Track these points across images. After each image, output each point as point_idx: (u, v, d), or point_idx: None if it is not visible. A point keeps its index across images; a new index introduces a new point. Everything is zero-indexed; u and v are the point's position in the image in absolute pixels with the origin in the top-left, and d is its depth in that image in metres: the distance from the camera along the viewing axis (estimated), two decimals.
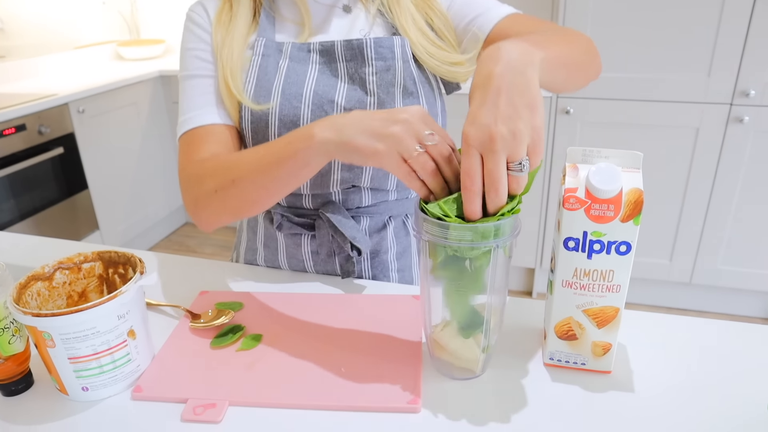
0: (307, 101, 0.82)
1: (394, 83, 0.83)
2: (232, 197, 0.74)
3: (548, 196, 2.34)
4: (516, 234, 0.58)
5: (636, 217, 0.57)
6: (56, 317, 0.59)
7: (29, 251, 1.02)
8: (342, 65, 0.84)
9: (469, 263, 0.58)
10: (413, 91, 0.84)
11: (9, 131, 2.19)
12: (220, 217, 0.78)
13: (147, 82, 2.90)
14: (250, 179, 0.71)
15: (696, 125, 2.08)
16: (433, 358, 0.67)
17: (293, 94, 0.82)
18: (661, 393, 0.64)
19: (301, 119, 0.82)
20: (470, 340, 0.63)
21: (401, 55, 0.83)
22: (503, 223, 0.56)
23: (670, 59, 2.04)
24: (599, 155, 0.60)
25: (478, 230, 0.55)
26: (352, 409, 0.62)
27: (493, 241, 0.56)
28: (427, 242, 0.58)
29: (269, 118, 0.82)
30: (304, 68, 0.84)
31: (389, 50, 0.83)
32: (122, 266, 0.72)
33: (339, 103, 0.82)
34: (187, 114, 0.84)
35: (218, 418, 0.61)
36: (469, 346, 0.63)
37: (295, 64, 0.84)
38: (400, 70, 0.83)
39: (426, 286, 0.63)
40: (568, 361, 0.67)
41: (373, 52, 0.82)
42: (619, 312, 0.62)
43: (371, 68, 0.82)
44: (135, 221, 2.93)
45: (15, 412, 0.64)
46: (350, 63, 0.84)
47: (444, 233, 0.56)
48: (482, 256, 0.57)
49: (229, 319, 0.76)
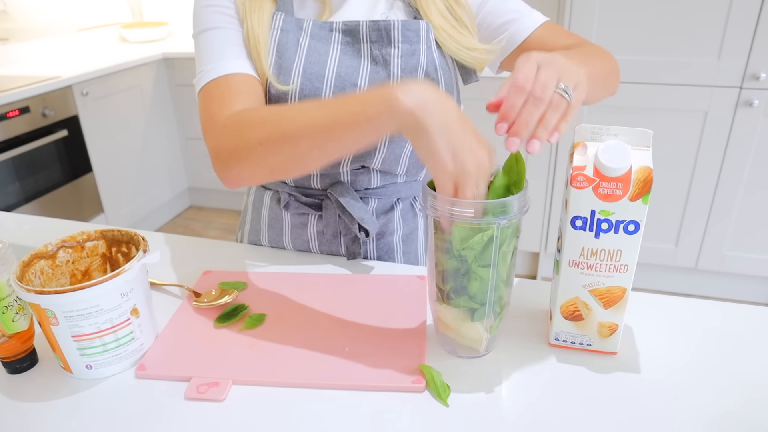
0: (329, 83, 0.80)
1: (417, 68, 0.81)
2: (279, 153, 0.67)
3: (554, 180, 2.33)
4: (524, 212, 0.57)
5: (645, 196, 0.57)
6: (59, 295, 0.58)
7: (33, 232, 1.02)
8: (366, 46, 0.82)
9: (478, 241, 0.57)
10: (434, 78, 0.82)
11: (13, 114, 2.19)
12: (255, 174, 0.71)
13: (151, 64, 2.88)
14: (308, 136, 0.65)
15: (705, 109, 2.06)
16: (439, 334, 0.67)
17: (315, 74, 0.80)
18: (668, 375, 0.63)
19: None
20: (475, 319, 0.63)
21: (426, 39, 0.82)
22: (510, 200, 0.55)
23: (679, 42, 2.01)
24: (608, 133, 0.59)
25: (486, 206, 0.55)
26: (356, 388, 0.62)
27: (500, 217, 0.55)
28: (435, 219, 0.58)
29: (289, 98, 0.80)
30: (325, 48, 0.82)
31: (415, 34, 0.81)
32: (125, 245, 0.71)
33: (361, 86, 0.81)
34: (211, 63, 0.77)
35: (221, 396, 0.61)
36: (474, 326, 0.63)
37: (317, 42, 0.82)
38: (423, 55, 0.81)
39: (432, 263, 0.62)
40: (574, 341, 0.66)
41: (400, 34, 0.81)
42: (626, 292, 0.62)
43: (397, 50, 0.81)
44: (139, 204, 2.93)
45: (20, 390, 0.64)
46: (375, 44, 0.82)
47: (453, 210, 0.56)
48: (489, 234, 0.57)
49: (233, 299, 0.76)
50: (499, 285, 0.61)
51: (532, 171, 2.34)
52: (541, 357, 0.66)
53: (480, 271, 0.59)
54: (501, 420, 0.58)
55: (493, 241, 0.57)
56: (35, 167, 2.32)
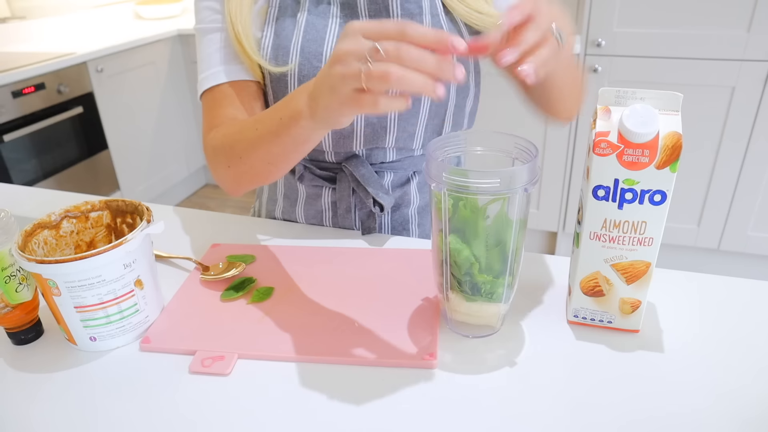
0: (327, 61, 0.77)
1: None
2: (244, 173, 0.73)
3: (573, 156, 2.28)
4: (534, 182, 0.54)
5: (673, 164, 0.53)
6: (60, 264, 0.57)
7: (43, 204, 1.01)
8: (365, 20, 0.78)
9: (481, 213, 0.55)
10: None
11: (29, 90, 2.19)
12: (241, 187, 0.77)
13: (165, 41, 2.86)
14: (255, 156, 0.69)
15: (732, 84, 1.99)
16: (449, 320, 0.64)
17: (313, 52, 0.77)
18: (692, 353, 0.60)
19: None
20: (480, 300, 0.60)
21: (430, 8, 0.78)
22: (516, 170, 0.52)
23: (706, 14, 1.93)
24: (634, 96, 0.56)
25: (501, 176, 0.52)
26: (366, 363, 0.60)
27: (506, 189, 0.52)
28: (437, 192, 0.55)
29: (288, 78, 0.78)
30: (323, 23, 0.79)
31: (416, 5, 0.77)
32: (130, 215, 0.70)
33: None
34: (204, 73, 0.81)
35: (227, 370, 0.59)
36: (481, 305, 0.60)
37: (314, 17, 0.79)
38: (428, 26, 0.77)
39: (436, 242, 0.60)
40: (594, 318, 0.63)
41: (399, 7, 0.77)
42: (650, 267, 0.58)
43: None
44: (155, 181, 2.93)
45: (25, 361, 0.63)
46: (374, 18, 0.78)
47: (456, 180, 0.52)
48: (492, 206, 0.54)
49: (240, 272, 0.74)
50: (510, 257, 0.57)
51: (550, 144, 2.29)
52: (560, 335, 0.64)
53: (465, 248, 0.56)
54: (518, 399, 0.55)
55: (499, 209, 0.54)
56: (51, 144, 2.33)
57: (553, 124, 0.69)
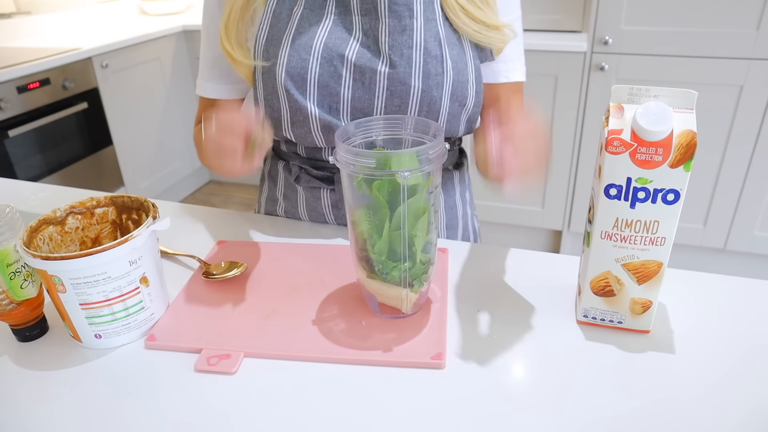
0: (317, 54, 0.75)
1: (411, 45, 0.74)
2: (216, 173, 0.84)
3: (578, 156, 2.26)
4: (420, 171, 0.55)
5: (687, 163, 0.52)
6: (65, 261, 0.56)
7: (49, 199, 1.01)
8: (357, 18, 0.76)
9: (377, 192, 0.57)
10: (437, 54, 0.75)
11: (33, 85, 2.18)
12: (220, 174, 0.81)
13: (170, 37, 2.85)
14: (211, 165, 0.75)
15: (740, 83, 1.97)
16: (365, 291, 0.66)
17: (302, 45, 0.76)
18: (703, 354, 0.59)
19: (308, 72, 0.76)
20: (378, 279, 0.62)
21: (423, 12, 0.75)
22: (404, 152, 0.55)
23: (714, 11, 1.91)
24: (648, 94, 0.55)
25: (377, 157, 0.55)
26: (373, 363, 0.59)
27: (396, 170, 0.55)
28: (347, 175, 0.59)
29: (276, 69, 0.77)
30: (318, 17, 0.77)
31: (406, 8, 0.74)
32: (136, 212, 0.69)
33: (349, 58, 0.75)
34: (199, 79, 0.89)
35: (233, 369, 0.59)
36: (381, 285, 0.62)
37: (309, 12, 0.77)
38: (419, 30, 0.74)
39: (349, 222, 0.62)
40: (604, 319, 0.62)
41: (387, 9, 0.74)
42: (662, 267, 0.58)
43: (384, 26, 0.75)
44: (159, 178, 2.93)
45: (30, 359, 0.62)
46: (365, 18, 0.76)
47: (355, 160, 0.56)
48: (387, 185, 0.56)
49: (242, 271, 0.74)
50: (415, 242, 0.60)
51: (556, 143, 2.28)
52: (569, 334, 0.63)
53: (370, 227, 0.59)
54: (526, 399, 0.54)
55: (397, 193, 0.56)
56: (56, 139, 2.33)
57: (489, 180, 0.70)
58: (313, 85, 0.76)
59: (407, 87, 0.75)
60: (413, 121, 0.64)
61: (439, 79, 0.75)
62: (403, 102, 0.76)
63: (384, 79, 0.75)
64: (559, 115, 2.22)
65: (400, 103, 0.76)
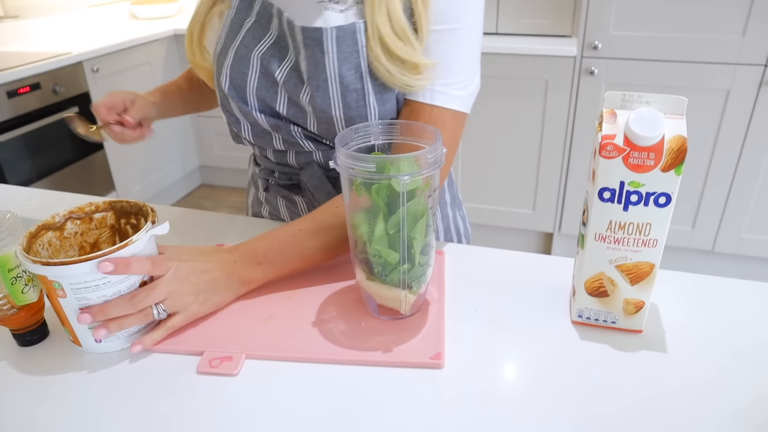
0: (254, 69, 0.77)
1: (326, 78, 0.73)
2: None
3: (569, 159, 2.29)
4: (420, 175, 0.56)
5: (678, 167, 0.54)
6: (65, 266, 0.57)
7: (44, 205, 1.01)
8: (291, 42, 0.76)
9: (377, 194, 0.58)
10: (357, 88, 0.73)
11: (24, 90, 2.17)
12: None
13: (161, 41, 2.85)
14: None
15: (727, 87, 2.00)
16: (364, 293, 0.67)
17: (242, 57, 0.78)
18: (695, 354, 0.61)
19: (248, 85, 0.78)
20: (377, 281, 0.63)
21: (337, 47, 0.71)
22: (401, 157, 0.56)
23: (701, 18, 1.95)
24: (640, 100, 0.56)
25: (376, 161, 0.56)
26: (373, 364, 0.60)
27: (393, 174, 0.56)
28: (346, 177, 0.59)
29: (221, 77, 0.80)
30: (263, 32, 0.78)
31: (317, 42, 0.72)
32: (134, 216, 0.70)
33: (279, 79, 0.76)
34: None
35: (235, 371, 0.59)
36: (380, 287, 0.63)
37: (257, 25, 0.78)
38: (332, 65, 0.72)
39: (350, 224, 0.63)
40: (598, 319, 0.64)
41: (302, 43, 0.73)
42: (654, 268, 0.59)
43: (301, 57, 0.74)
44: (151, 182, 2.92)
45: (30, 363, 0.63)
46: (294, 43, 0.75)
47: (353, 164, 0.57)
48: (384, 189, 0.57)
49: None
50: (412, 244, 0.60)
51: (546, 146, 2.30)
52: (564, 334, 0.64)
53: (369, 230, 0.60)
54: (523, 398, 0.56)
55: (396, 199, 0.57)
56: (46, 144, 2.32)
57: None
58: (252, 96, 0.79)
59: (329, 116, 0.75)
60: (409, 126, 0.65)
61: (361, 111, 0.75)
62: (330, 127, 0.77)
63: (308, 106, 0.75)
64: (550, 119, 2.24)
65: (328, 128, 0.77)
